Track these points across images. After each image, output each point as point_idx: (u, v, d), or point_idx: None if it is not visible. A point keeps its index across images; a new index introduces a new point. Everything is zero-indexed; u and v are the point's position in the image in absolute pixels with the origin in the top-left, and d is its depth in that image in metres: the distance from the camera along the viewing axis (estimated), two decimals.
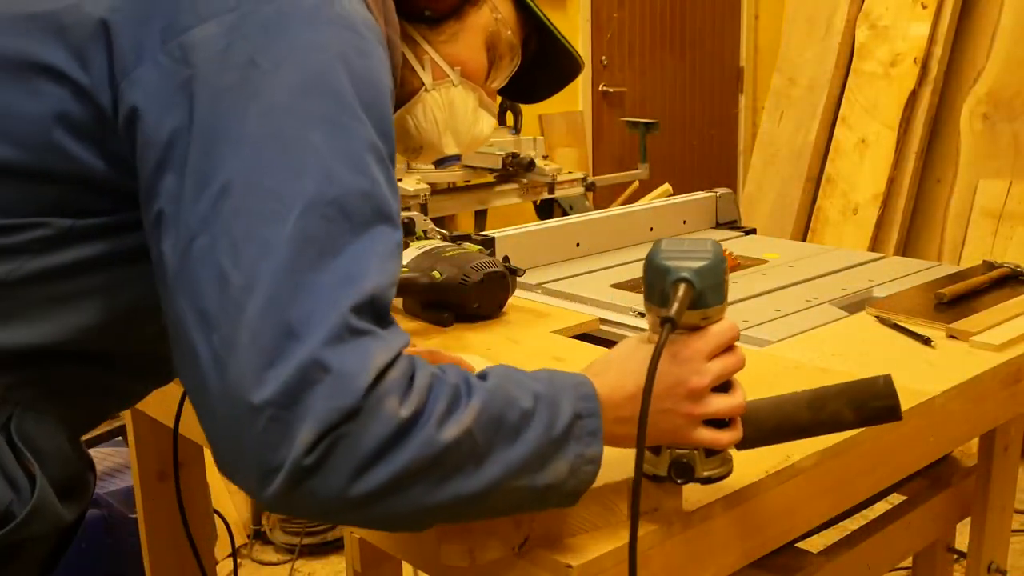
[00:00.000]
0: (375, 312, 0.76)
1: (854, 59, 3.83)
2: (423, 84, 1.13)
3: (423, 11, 1.10)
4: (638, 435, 0.80)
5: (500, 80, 1.21)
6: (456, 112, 1.15)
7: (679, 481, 0.91)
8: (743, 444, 0.93)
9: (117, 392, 1.02)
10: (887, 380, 0.95)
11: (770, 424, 0.95)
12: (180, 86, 0.78)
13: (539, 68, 1.25)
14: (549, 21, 1.21)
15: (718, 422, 0.90)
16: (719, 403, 0.88)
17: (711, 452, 0.92)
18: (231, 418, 0.73)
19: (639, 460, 0.81)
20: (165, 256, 0.77)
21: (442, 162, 1.22)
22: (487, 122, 1.20)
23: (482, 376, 0.82)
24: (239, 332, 0.73)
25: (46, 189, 0.84)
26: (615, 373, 0.88)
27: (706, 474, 0.92)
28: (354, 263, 0.76)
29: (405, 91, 1.11)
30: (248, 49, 0.78)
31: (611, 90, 5.26)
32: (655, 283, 0.87)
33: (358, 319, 0.74)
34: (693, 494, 0.98)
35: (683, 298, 0.84)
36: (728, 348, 0.89)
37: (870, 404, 0.94)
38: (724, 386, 0.90)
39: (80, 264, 0.86)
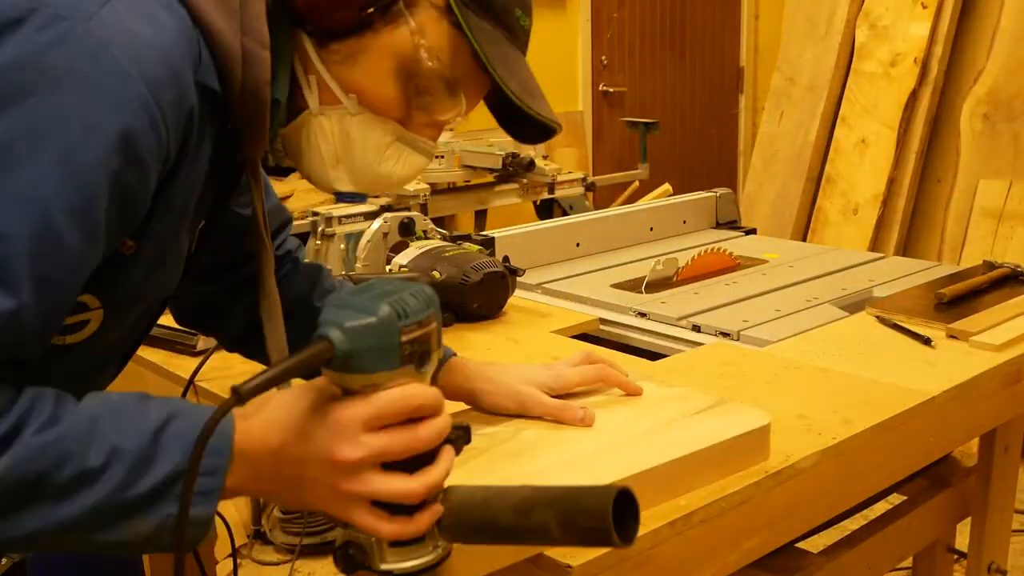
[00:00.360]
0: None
1: (854, 59, 3.83)
2: (308, 106, 0.95)
3: (307, 24, 0.92)
4: (181, 507, 0.72)
5: (450, 113, 0.99)
6: (353, 145, 0.96)
7: (340, 568, 0.79)
8: (448, 535, 0.80)
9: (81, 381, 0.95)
10: (607, 496, 0.73)
11: (473, 520, 0.79)
12: None
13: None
14: (499, 77, 0.95)
15: (405, 506, 0.76)
16: (380, 484, 0.76)
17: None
18: None
19: (181, 526, 0.72)
20: None
21: (341, 196, 1.02)
22: (407, 162, 0.99)
23: (63, 415, 0.74)
24: None
25: None
26: (262, 424, 0.77)
27: (387, 567, 0.77)
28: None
29: (294, 107, 0.95)
30: None
31: (611, 90, 5.26)
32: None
33: None
34: (693, 495, 0.99)
35: (305, 359, 0.72)
36: (415, 420, 0.77)
37: (580, 523, 0.74)
38: (419, 463, 0.77)
39: None
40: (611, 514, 0.72)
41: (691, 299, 1.74)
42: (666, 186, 3.89)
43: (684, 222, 2.31)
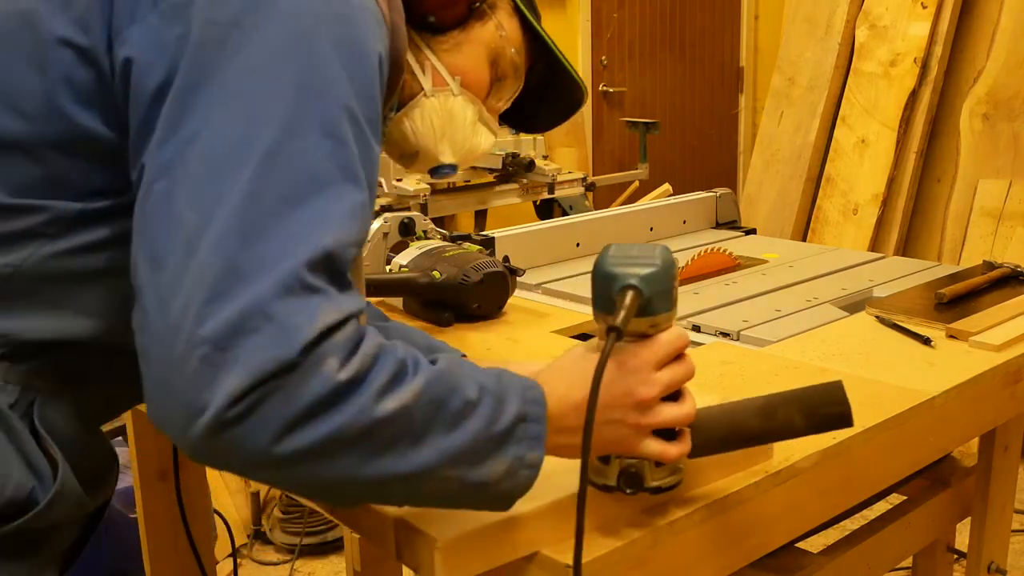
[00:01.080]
0: (331, 270, 0.75)
1: (854, 59, 3.83)
2: (423, 89, 1.12)
3: (427, 17, 1.10)
4: (583, 446, 0.79)
5: (503, 100, 1.20)
6: (455, 121, 1.14)
7: (628, 491, 0.90)
8: (692, 452, 0.92)
9: (132, 380, 1.02)
10: (838, 386, 0.93)
11: (720, 432, 0.93)
12: (168, 44, 0.80)
13: (542, 96, 1.25)
14: (556, 47, 1.20)
15: (667, 432, 0.89)
16: (668, 413, 0.88)
17: (658, 462, 0.91)
18: (165, 357, 0.71)
19: (584, 470, 0.80)
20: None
21: (437, 171, 1.20)
22: (485, 137, 1.19)
23: (432, 360, 0.81)
24: (187, 272, 0.72)
25: (55, 164, 0.85)
26: (562, 382, 0.87)
27: (655, 484, 0.91)
28: (314, 217, 0.75)
29: (404, 95, 1.10)
30: (234, 9, 0.80)
31: (611, 90, 5.26)
32: (602, 290, 0.86)
33: (311, 274, 0.73)
34: (693, 495, 0.99)
35: (630, 306, 0.83)
36: (678, 357, 0.89)
37: (821, 411, 0.93)
38: (674, 395, 0.89)
39: (92, 247, 0.86)
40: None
41: (691, 299, 1.74)
42: (666, 186, 3.89)
43: (684, 222, 2.31)
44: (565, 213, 3.62)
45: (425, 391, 0.77)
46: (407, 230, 1.75)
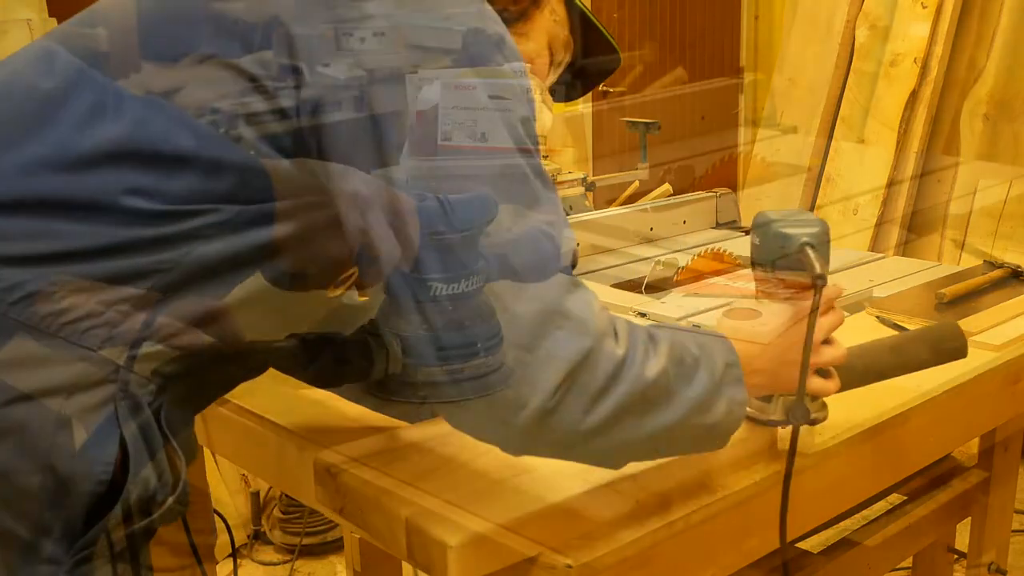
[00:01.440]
0: (575, 265, 0.87)
1: (854, 59, 3.83)
2: None
3: (502, 12, 1.16)
4: (800, 377, 0.94)
5: (552, 78, 1.29)
6: None
7: (799, 421, 1.00)
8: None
9: (228, 383, 1.05)
10: (954, 325, 1.14)
11: (859, 369, 1.07)
12: (353, 84, 0.83)
13: (576, 65, 1.33)
14: (598, 20, 1.28)
15: (820, 371, 1.01)
16: (828, 354, 1.01)
17: (814, 397, 1.05)
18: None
19: (799, 400, 0.94)
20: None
21: None
22: (547, 115, 1.29)
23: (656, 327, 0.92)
24: None
25: (221, 178, 0.86)
26: (746, 333, 0.98)
27: (814, 416, 1.06)
28: (551, 221, 0.84)
29: None
30: (413, 44, 0.84)
31: (611, 90, 5.26)
32: (774, 247, 0.99)
33: (570, 271, 0.83)
34: (693, 496, 0.99)
35: (817, 259, 0.96)
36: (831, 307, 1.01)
37: (944, 345, 1.10)
38: (826, 340, 1.02)
39: (245, 251, 0.87)
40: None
41: (691, 299, 1.74)
42: (666, 186, 3.88)
43: (684, 222, 2.31)
44: (565, 213, 3.62)
45: (670, 354, 0.88)
46: None
